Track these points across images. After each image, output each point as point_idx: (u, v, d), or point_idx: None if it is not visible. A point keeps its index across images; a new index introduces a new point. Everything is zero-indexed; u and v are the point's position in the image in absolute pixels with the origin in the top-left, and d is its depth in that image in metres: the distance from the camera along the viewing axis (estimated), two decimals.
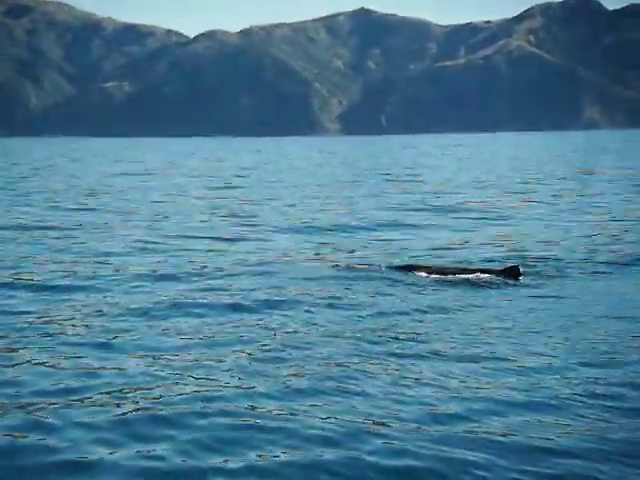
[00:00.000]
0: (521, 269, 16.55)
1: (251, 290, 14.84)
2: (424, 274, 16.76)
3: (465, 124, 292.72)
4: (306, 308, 13.43)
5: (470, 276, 16.57)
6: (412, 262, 17.71)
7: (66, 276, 16.06)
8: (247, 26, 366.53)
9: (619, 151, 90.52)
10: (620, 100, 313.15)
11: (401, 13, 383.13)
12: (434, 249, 20.39)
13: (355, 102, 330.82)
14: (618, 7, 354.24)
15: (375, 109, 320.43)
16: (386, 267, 17.34)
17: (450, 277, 16.57)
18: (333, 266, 17.38)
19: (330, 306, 13.75)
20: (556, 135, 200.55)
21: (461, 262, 18.15)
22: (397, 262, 17.74)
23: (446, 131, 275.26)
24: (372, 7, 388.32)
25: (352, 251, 20.11)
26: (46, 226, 24.32)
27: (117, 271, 16.67)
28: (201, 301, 13.87)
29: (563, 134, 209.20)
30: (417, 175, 50.41)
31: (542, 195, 34.91)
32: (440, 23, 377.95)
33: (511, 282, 16.12)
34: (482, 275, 16.64)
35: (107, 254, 18.94)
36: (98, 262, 17.73)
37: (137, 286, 15.18)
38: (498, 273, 16.61)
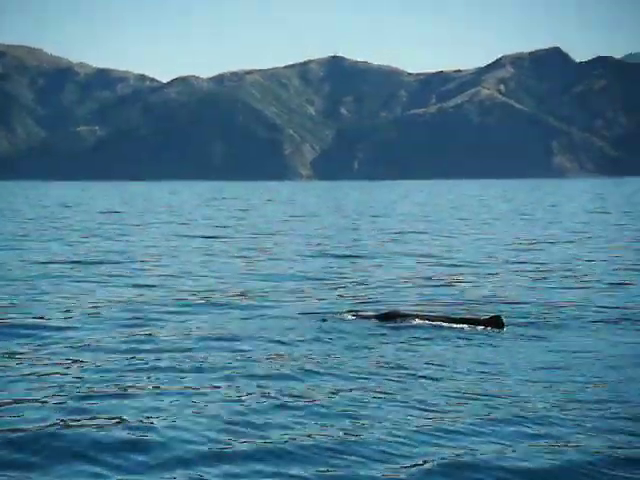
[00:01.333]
0: (504, 319, 16.44)
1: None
2: (408, 322, 16.53)
3: (436, 170, 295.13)
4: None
5: (455, 325, 16.40)
6: (393, 310, 17.44)
7: None
8: (219, 72, 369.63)
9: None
10: (590, 148, 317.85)
11: (373, 61, 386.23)
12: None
13: (327, 148, 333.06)
14: (585, 59, 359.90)
15: (347, 155, 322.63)
16: (365, 315, 17.02)
17: (435, 324, 16.39)
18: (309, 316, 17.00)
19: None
20: (520, 183, 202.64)
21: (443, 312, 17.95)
22: (378, 310, 17.42)
23: (416, 177, 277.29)
24: (344, 55, 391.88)
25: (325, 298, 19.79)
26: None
27: None
28: None
29: (527, 182, 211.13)
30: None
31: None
32: (411, 71, 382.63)
33: (495, 331, 16.00)
34: (467, 325, 16.48)
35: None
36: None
37: None
38: (482, 322, 16.48)
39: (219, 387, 11.22)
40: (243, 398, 10.63)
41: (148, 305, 17.92)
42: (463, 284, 22.57)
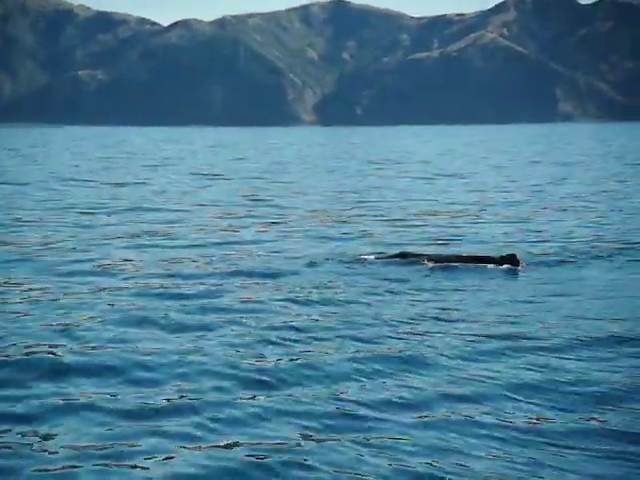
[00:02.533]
0: (519, 257, 16.68)
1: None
2: (423, 262, 16.83)
3: (439, 116, 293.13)
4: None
5: (469, 264, 16.70)
6: (406, 250, 17.71)
7: None
8: (221, 15, 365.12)
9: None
10: (594, 93, 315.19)
11: (375, 4, 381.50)
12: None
13: (329, 93, 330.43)
14: (590, 2, 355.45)
15: (349, 100, 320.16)
16: (380, 257, 17.31)
17: (450, 264, 16.69)
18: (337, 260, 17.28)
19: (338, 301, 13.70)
20: (525, 128, 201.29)
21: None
22: (392, 252, 17.70)
23: (420, 123, 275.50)
24: None
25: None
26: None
27: None
28: None
29: (531, 127, 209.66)
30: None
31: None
32: (414, 15, 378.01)
33: (511, 269, 16.30)
34: (481, 263, 16.78)
35: None
36: None
37: None
38: (497, 261, 16.77)
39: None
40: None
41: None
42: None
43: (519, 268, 16.39)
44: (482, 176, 41.51)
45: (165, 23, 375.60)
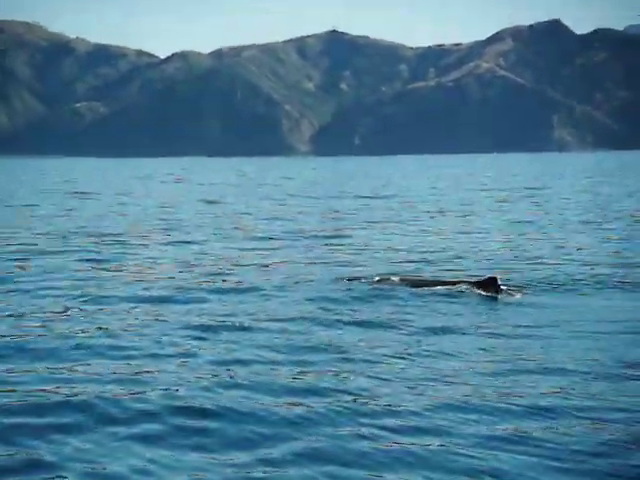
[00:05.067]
0: (499, 280, 16.12)
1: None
2: (400, 286, 16.34)
3: (436, 146, 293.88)
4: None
5: (448, 288, 16.19)
6: (384, 274, 17.25)
7: None
8: (217, 47, 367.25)
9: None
10: (590, 121, 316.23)
11: (372, 35, 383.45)
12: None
13: (327, 123, 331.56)
14: (585, 32, 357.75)
15: (347, 131, 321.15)
16: (360, 279, 16.89)
17: (426, 289, 16.17)
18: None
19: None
20: (514, 157, 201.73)
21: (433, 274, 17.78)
22: (370, 274, 17.26)
23: (417, 152, 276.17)
24: (343, 29, 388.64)
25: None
26: None
27: None
28: None
29: (521, 156, 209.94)
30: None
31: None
32: (411, 45, 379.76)
33: (490, 294, 15.75)
34: (460, 286, 16.27)
35: None
36: None
37: None
38: (476, 285, 16.24)
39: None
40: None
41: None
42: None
43: (499, 295, 15.76)
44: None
45: (162, 55, 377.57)
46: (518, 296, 15.75)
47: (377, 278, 16.99)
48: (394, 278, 16.81)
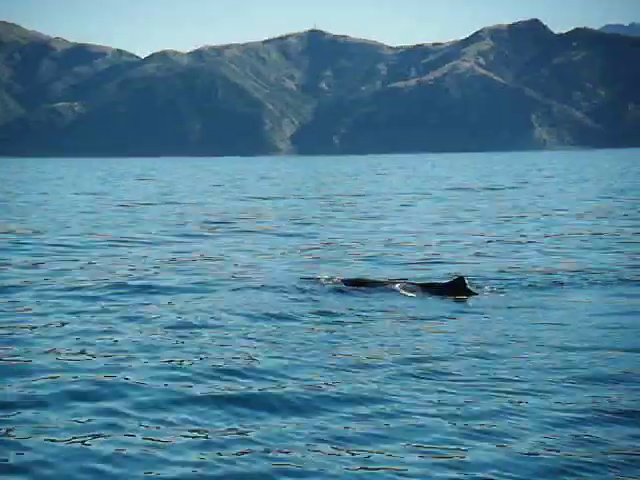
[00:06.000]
0: (467, 281, 16.08)
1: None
2: (364, 288, 16.35)
3: (416, 145, 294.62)
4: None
5: (414, 290, 16.19)
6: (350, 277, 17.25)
7: None
8: (198, 47, 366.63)
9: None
10: (568, 120, 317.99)
11: (353, 35, 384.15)
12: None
13: (308, 123, 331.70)
14: (564, 31, 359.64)
15: (328, 130, 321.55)
16: (320, 281, 16.85)
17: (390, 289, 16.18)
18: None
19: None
20: (490, 156, 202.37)
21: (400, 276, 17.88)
22: (336, 277, 17.23)
23: (397, 151, 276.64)
24: (323, 29, 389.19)
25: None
26: None
27: None
28: None
29: (498, 156, 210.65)
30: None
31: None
32: (391, 45, 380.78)
33: (458, 295, 15.79)
34: (427, 289, 16.31)
35: None
36: None
37: None
38: (444, 287, 16.24)
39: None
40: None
41: None
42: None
43: (468, 297, 15.74)
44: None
45: (142, 55, 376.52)
46: (488, 296, 15.84)
47: (339, 279, 16.96)
48: (359, 280, 16.86)
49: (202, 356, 11.06)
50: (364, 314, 14.01)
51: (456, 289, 15.85)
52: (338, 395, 9.39)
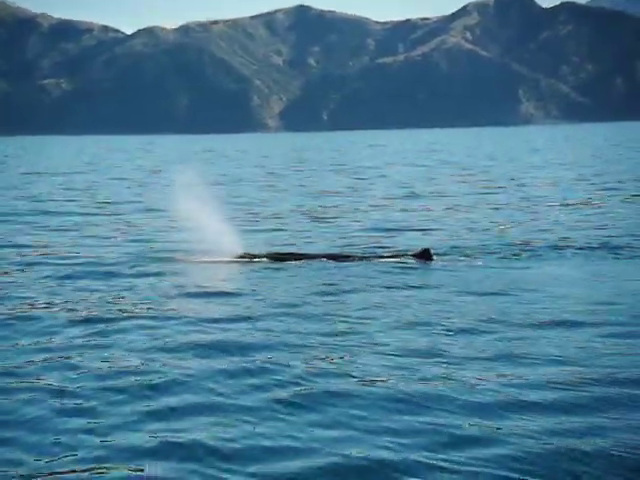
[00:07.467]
0: (432, 251, 17.03)
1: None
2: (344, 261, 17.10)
3: (404, 120, 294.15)
4: None
5: (387, 260, 17.01)
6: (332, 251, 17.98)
7: None
8: (185, 22, 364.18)
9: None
10: (555, 94, 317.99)
11: (340, 10, 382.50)
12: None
13: (296, 99, 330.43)
14: (551, 5, 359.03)
15: (316, 106, 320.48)
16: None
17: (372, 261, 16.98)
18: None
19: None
20: (475, 131, 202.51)
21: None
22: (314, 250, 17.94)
23: (386, 127, 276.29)
24: (311, 4, 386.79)
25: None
26: None
27: None
28: None
29: (489, 130, 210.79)
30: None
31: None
32: (378, 20, 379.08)
33: (425, 264, 16.63)
34: (398, 258, 17.13)
35: None
36: None
37: None
38: (412, 256, 17.11)
39: None
40: None
41: None
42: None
43: (432, 263, 16.68)
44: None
45: (129, 31, 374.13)
46: (451, 263, 16.62)
47: (320, 254, 17.64)
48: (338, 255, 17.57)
49: None
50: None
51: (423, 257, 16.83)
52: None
